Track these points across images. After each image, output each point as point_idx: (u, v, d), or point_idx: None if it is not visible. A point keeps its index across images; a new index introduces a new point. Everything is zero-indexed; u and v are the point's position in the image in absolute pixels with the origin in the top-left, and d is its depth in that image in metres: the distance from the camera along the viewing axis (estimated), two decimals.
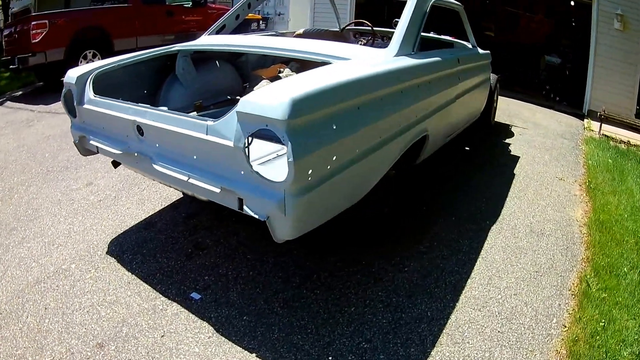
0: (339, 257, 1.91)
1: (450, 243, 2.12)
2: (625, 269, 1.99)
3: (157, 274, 1.73)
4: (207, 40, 2.30)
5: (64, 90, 1.77)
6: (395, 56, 1.86)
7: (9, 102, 4.76)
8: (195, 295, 1.63)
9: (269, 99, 1.13)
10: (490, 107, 3.73)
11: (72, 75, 1.75)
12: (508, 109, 4.84)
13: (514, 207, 2.56)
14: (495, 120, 4.29)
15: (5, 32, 5.19)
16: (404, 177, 2.19)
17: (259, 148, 1.71)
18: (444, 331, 1.52)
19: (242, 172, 1.20)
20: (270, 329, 1.48)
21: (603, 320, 1.60)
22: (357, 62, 1.67)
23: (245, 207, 1.24)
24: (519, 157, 3.36)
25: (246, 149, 1.16)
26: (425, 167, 2.95)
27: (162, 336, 1.42)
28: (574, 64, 5.22)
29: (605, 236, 2.21)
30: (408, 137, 1.83)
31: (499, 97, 5.19)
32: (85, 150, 1.80)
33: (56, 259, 1.76)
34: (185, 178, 1.37)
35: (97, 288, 1.61)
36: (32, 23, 4.55)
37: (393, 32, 3.80)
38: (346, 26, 3.18)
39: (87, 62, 4.90)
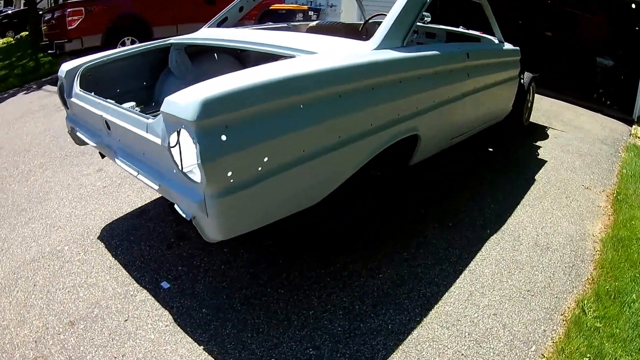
0: (315, 257, 1.91)
1: (438, 251, 2.00)
2: (633, 295, 1.75)
3: (137, 261, 1.87)
4: (198, 34, 2.35)
5: (58, 82, 1.95)
6: (375, 49, 1.76)
7: (48, 85, 5.30)
8: (165, 285, 1.74)
9: (185, 99, 1.13)
10: (522, 106, 3.43)
11: (63, 68, 1.92)
12: (550, 110, 4.43)
13: (523, 215, 2.34)
14: (532, 121, 3.94)
15: (46, 18, 5.64)
16: (394, 179, 2.10)
17: None
18: (400, 347, 1.46)
19: (174, 171, 1.24)
20: (224, 324, 1.54)
21: (589, 355, 1.43)
22: (322, 56, 1.61)
23: (175, 206, 1.28)
24: (546, 161, 3.04)
25: (172, 149, 1.18)
26: (434, 168, 2.80)
27: (126, 320, 1.55)
28: (629, 67, 4.64)
29: (620, 255, 1.95)
30: (385, 136, 1.74)
31: (544, 98, 4.73)
32: (79, 139, 1.97)
33: (53, 241, 1.98)
34: (135, 173, 1.46)
35: (81, 270, 1.79)
36: (68, 10, 4.91)
37: (416, 25, 3.56)
38: (369, 19, 3.10)
39: None
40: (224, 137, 1.14)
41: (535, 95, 4.82)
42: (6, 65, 7.65)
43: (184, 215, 1.27)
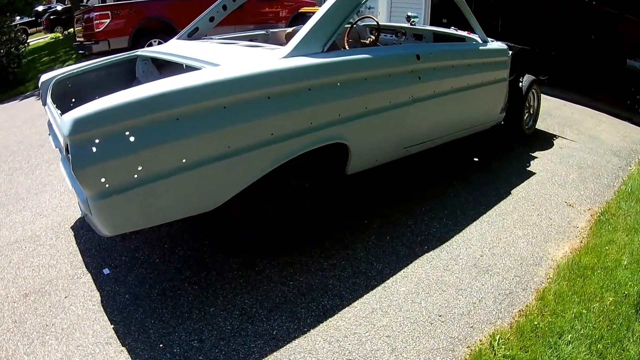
0: (239, 259, 2.14)
1: (360, 264, 2.10)
2: (568, 336, 1.66)
3: (93, 249, 2.29)
4: (162, 47, 2.72)
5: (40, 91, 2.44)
6: (285, 57, 1.92)
7: None
8: (106, 271, 2.12)
9: (67, 116, 1.42)
10: (519, 113, 3.23)
11: (41, 79, 2.39)
12: (569, 118, 4.14)
13: (475, 233, 2.29)
14: (541, 129, 3.77)
15: (78, 19, 6.46)
16: (327, 188, 2.21)
17: None
18: (274, 353, 1.62)
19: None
20: (137, 310, 1.85)
21: None
22: (220, 68, 1.82)
23: (77, 203, 1.61)
24: (534, 173, 2.86)
25: (69, 156, 1.45)
26: (393, 178, 2.83)
27: (66, 297, 1.95)
28: None
29: (572, 287, 1.85)
30: (293, 145, 1.88)
31: (569, 104, 4.56)
32: None
33: (36, 227, 2.49)
34: (65, 175, 1.83)
35: (48, 253, 2.26)
36: (95, 13, 5.63)
37: (403, 27, 3.64)
38: (355, 23, 3.26)
39: None
40: (94, 149, 1.41)
41: (560, 101, 4.47)
42: (51, 60, 9.00)
43: (80, 212, 1.60)
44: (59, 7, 15.88)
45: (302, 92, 1.87)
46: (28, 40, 8.45)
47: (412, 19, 3.19)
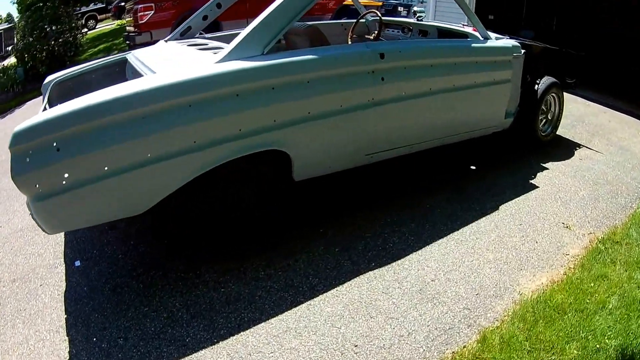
0: (185, 261, 2.26)
1: (296, 277, 2.09)
2: None
3: (75, 241, 2.60)
4: (142, 50, 2.84)
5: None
6: (218, 62, 1.92)
7: None
8: (77, 263, 2.40)
9: (13, 130, 1.62)
10: (533, 118, 2.80)
11: (45, 81, 2.69)
12: (604, 126, 3.58)
13: (435, 252, 2.09)
14: (566, 138, 3.32)
15: (129, 10, 6.94)
16: (277, 193, 2.18)
17: None
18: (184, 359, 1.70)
19: None
20: (88, 303, 2.08)
21: None
22: (153, 76, 1.89)
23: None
24: (536, 187, 2.50)
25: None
26: (367, 184, 2.65)
27: (41, 285, 2.28)
28: None
29: (529, 330, 1.60)
30: (219, 152, 1.89)
31: (609, 111, 4.05)
32: None
33: None
34: None
35: (40, 242, 2.63)
36: (140, 5, 6.04)
37: (409, 22, 3.44)
38: (361, 17, 3.16)
39: None
40: (27, 159, 1.62)
41: (601, 107, 3.85)
42: (105, 49, 9.70)
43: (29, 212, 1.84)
44: None
45: (228, 98, 1.86)
46: (97, 26, 9.32)
47: (418, 14, 3.01)
